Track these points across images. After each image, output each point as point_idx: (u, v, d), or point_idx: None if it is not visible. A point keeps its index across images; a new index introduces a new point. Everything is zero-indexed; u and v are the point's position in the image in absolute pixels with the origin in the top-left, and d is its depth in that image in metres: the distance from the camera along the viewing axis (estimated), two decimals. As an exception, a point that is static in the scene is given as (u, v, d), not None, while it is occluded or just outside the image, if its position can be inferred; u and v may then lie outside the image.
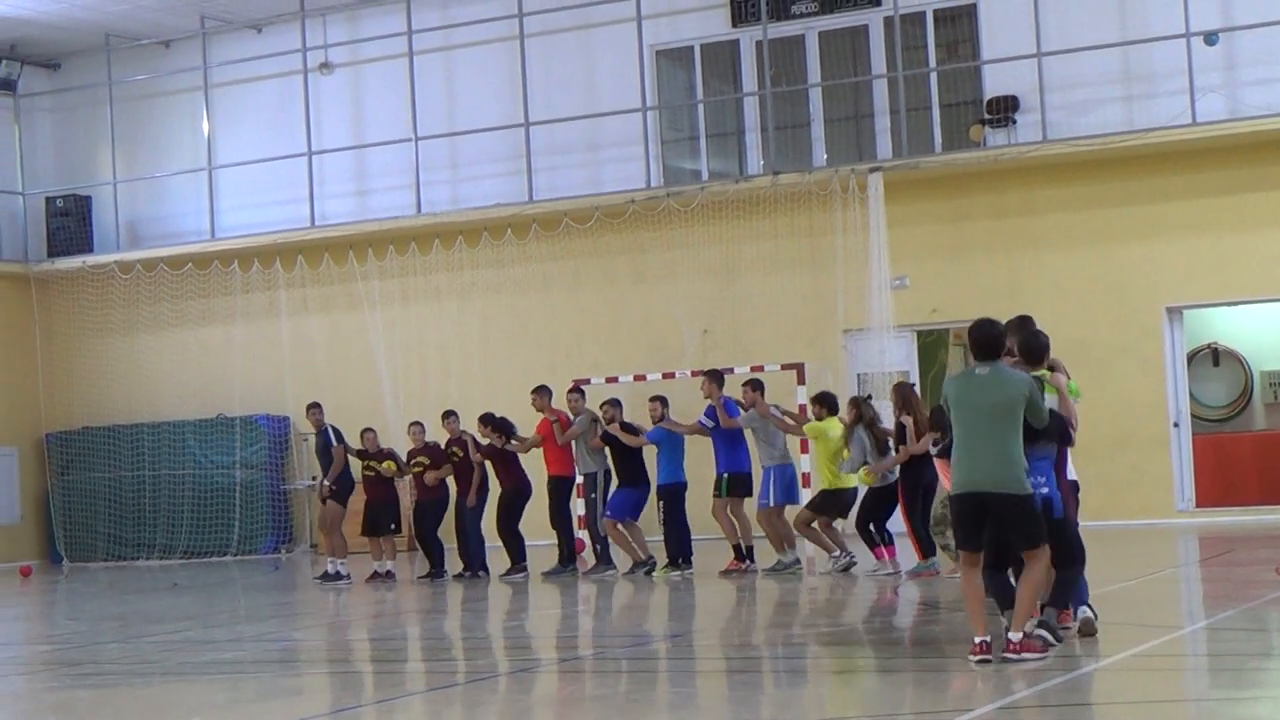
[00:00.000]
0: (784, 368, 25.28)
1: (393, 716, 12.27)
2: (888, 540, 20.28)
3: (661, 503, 21.84)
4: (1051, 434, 12.72)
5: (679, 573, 21.59)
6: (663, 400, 22.15)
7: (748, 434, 21.64)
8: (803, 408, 23.15)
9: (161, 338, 32.55)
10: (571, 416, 22.65)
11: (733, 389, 22.02)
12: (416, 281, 30.49)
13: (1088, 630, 13.20)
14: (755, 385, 21.58)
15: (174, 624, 19.45)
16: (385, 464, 23.64)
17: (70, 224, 33.23)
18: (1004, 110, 27.48)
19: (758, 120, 29.14)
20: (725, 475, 21.49)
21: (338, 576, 23.52)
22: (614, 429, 22.01)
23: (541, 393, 23.03)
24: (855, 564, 20.62)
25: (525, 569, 22.77)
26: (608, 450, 22.20)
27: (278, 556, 30.59)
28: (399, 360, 30.18)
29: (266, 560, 30.01)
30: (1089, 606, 13.33)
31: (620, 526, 21.96)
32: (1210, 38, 26.23)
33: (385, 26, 31.19)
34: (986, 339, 12.59)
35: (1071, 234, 27.12)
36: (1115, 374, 26.65)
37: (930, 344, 29.14)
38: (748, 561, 21.40)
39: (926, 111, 28.37)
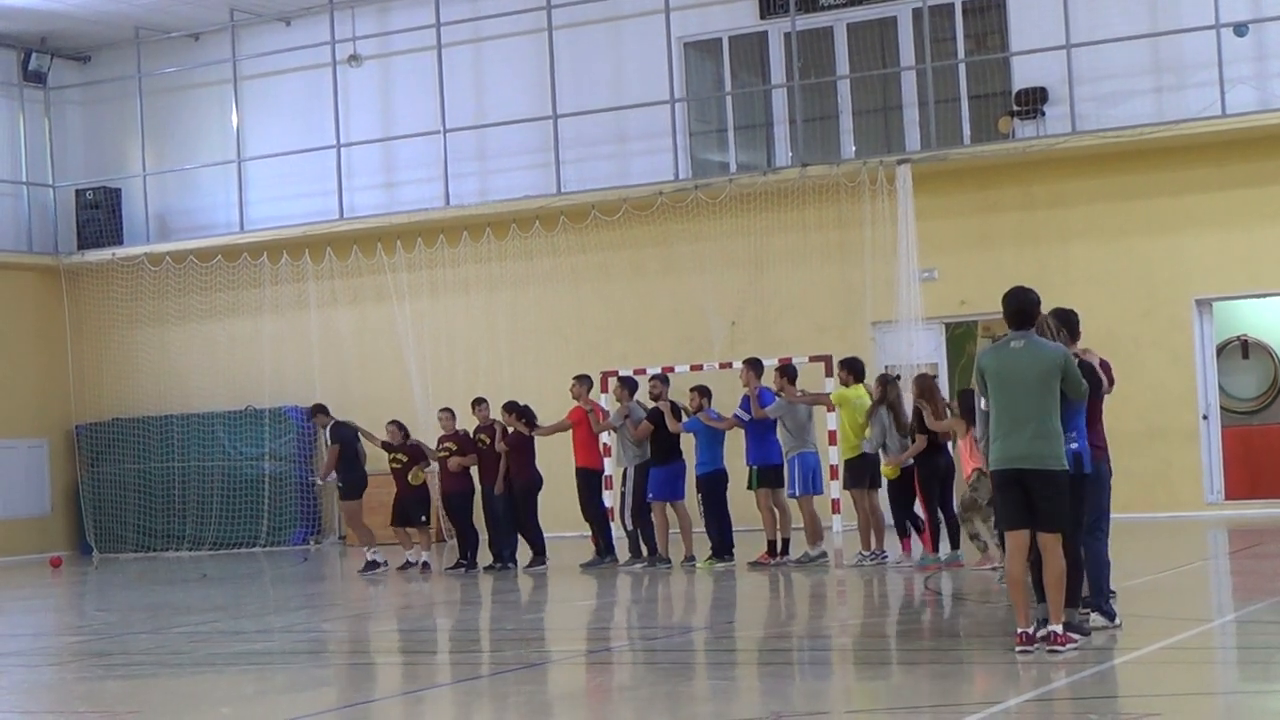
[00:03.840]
0: (812, 360, 25.22)
1: (420, 708, 12.29)
2: (920, 529, 20.27)
3: (701, 494, 21.78)
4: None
5: (722, 564, 21.54)
6: (703, 390, 21.95)
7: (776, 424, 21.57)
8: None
9: (191, 329, 32.63)
10: (605, 409, 22.63)
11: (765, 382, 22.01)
12: (445, 274, 30.52)
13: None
14: (784, 372, 21.47)
15: (203, 615, 19.50)
16: (412, 473, 23.56)
17: (100, 216, 33.34)
18: (1033, 102, 27.42)
19: (786, 112, 29.11)
20: (755, 467, 21.45)
21: (374, 565, 23.52)
22: (663, 405, 21.88)
23: (582, 381, 22.97)
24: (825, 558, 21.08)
25: (544, 561, 22.78)
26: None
27: (307, 548, 30.66)
28: (427, 352, 30.20)
29: (295, 552, 30.08)
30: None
31: (670, 508, 21.86)
32: (1240, 29, 26.15)
33: (414, 19, 31.21)
34: (1020, 306, 12.38)
35: (1100, 226, 27.06)
36: (1144, 366, 26.57)
37: (959, 336, 29.08)
38: (781, 555, 21.32)
39: (955, 103, 28.33)
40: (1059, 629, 12.16)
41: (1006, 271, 27.21)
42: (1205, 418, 26.83)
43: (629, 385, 22.78)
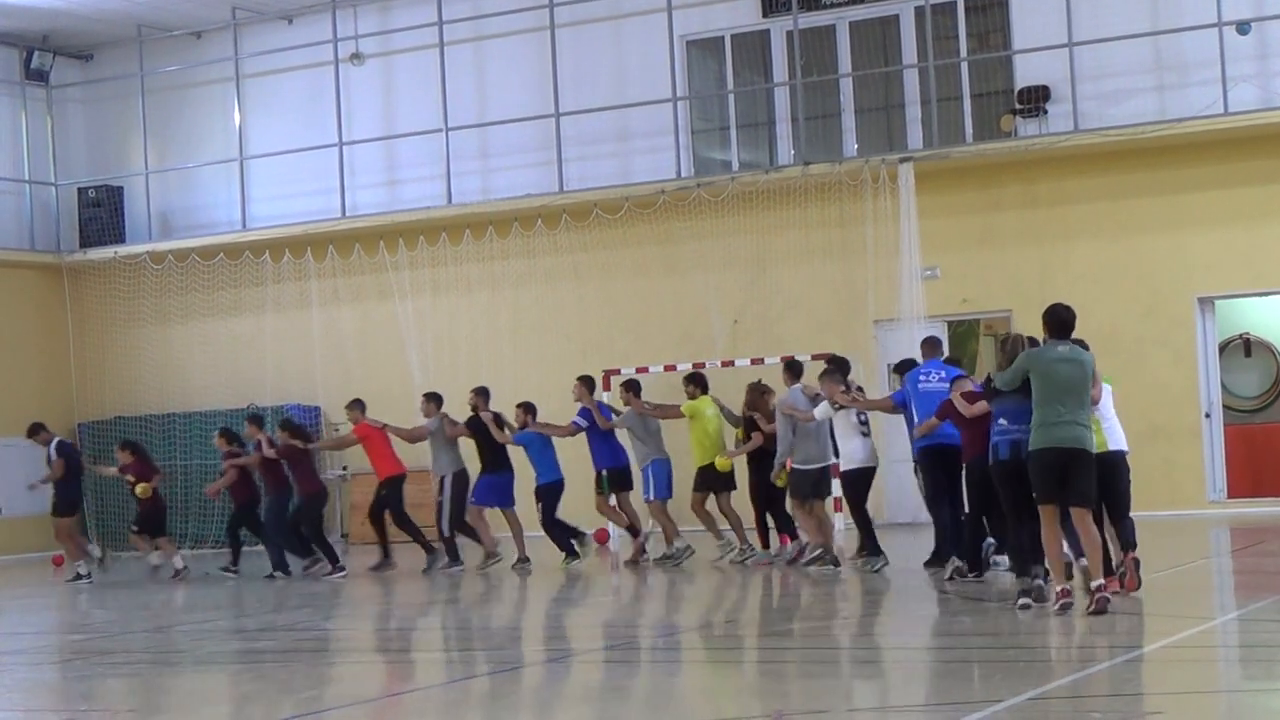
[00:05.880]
0: (814, 358, 25.20)
1: (425, 705, 12.29)
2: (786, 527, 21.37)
3: (541, 503, 22.46)
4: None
5: (577, 560, 22.39)
6: (528, 407, 22.83)
7: (626, 434, 22.44)
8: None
9: (193, 328, 32.64)
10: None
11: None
12: (447, 272, 30.52)
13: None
14: (629, 386, 22.55)
15: (205, 613, 19.51)
16: (140, 488, 24.83)
17: (102, 214, 33.34)
18: (1035, 100, 27.42)
19: (788, 110, 29.11)
20: (604, 471, 22.40)
21: (80, 577, 24.64)
22: (485, 417, 22.70)
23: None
24: (691, 553, 21.87)
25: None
26: (475, 441, 22.92)
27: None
28: (429, 350, 30.21)
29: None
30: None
31: (485, 514, 22.87)
32: (1242, 27, 26.14)
33: (416, 17, 31.20)
34: (1063, 319, 14.47)
35: (1103, 224, 27.06)
36: (1146, 364, 26.57)
37: (961, 334, 29.09)
38: (645, 546, 22.37)
39: (957, 101, 28.32)
40: (1098, 583, 14.21)
41: (1009, 270, 27.30)
42: (1208, 416, 26.82)
43: (436, 400, 23.62)
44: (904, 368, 19.91)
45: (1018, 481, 14.71)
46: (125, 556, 31.07)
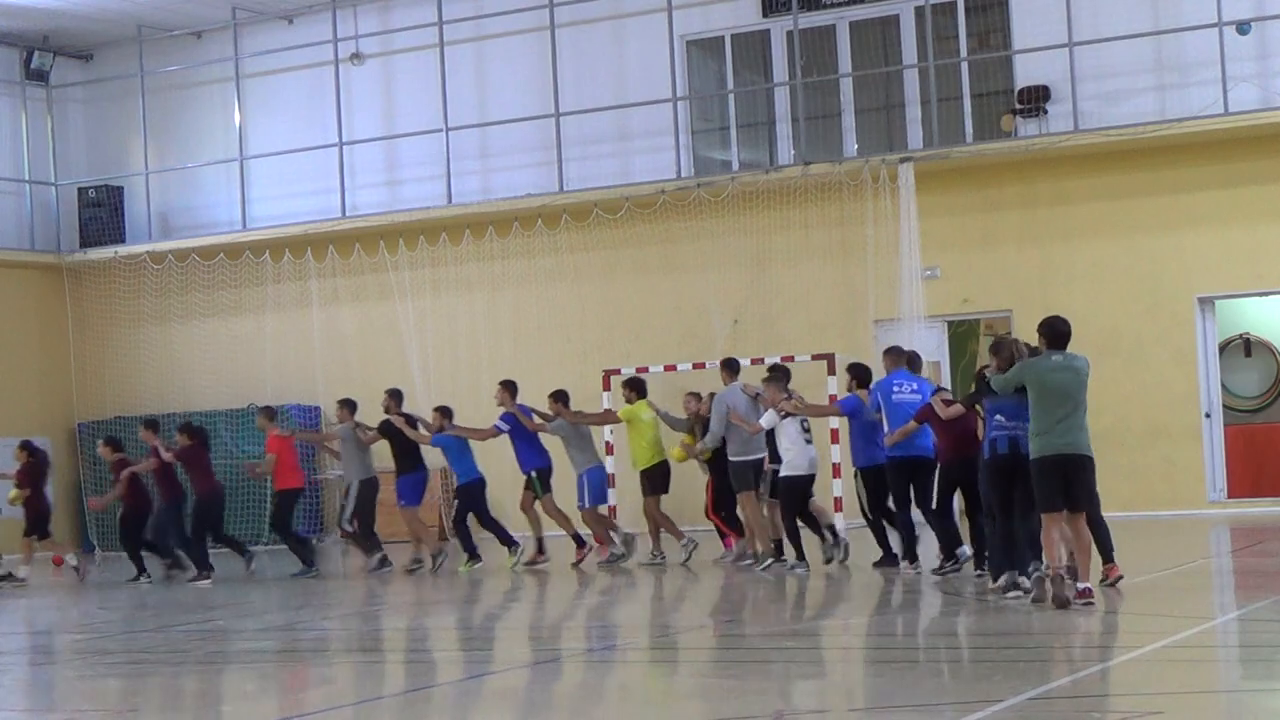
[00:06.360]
0: (814, 358, 25.24)
1: (426, 706, 12.28)
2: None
3: (459, 502, 22.95)
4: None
5: (521, 562, 22.71)
6: (445, 411, 23.20)
7: (559, 442, 22.69)
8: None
9: (193, 328, 32.65)
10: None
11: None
12: (447, 272, 30.54)
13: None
14: (557, 396, 22.75)
15: (205, 613, 19.50)
16: (11, 495, 25.05)
17: (102, 214, 33.35)
18: (1035, 100, 27.42)
19: (788, 110, 29.12)
20: (533, 473, 22.64)
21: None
22: (397, 420, 23.07)
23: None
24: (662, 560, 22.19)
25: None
26: (389, 443, 23.32)
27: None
28: (429, 351, 30.22)
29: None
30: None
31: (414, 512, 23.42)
32: (1243, 27, 26.15)
33: (416, 17, 31.21)
34: (1059, 332, 14.81)
35: (1103, 224, 27.06)
36: (1147, 364, 26.59)
37: (961, 334, 29.09)
38: (589, 546, 22.66)
39: (958, 101, 28.33)
40: (1090, 586, 14.74)
41: (1009, 270, 27.30)
42: (1208, 416, 26.83)
43: (349, 406, 23.99)
44: (856, 371, 20.14)
45: (1012, 476, 15.27)
46: (126, 557, 31.04)
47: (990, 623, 14.74)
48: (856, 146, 28.79)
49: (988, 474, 15.73)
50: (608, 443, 25.42)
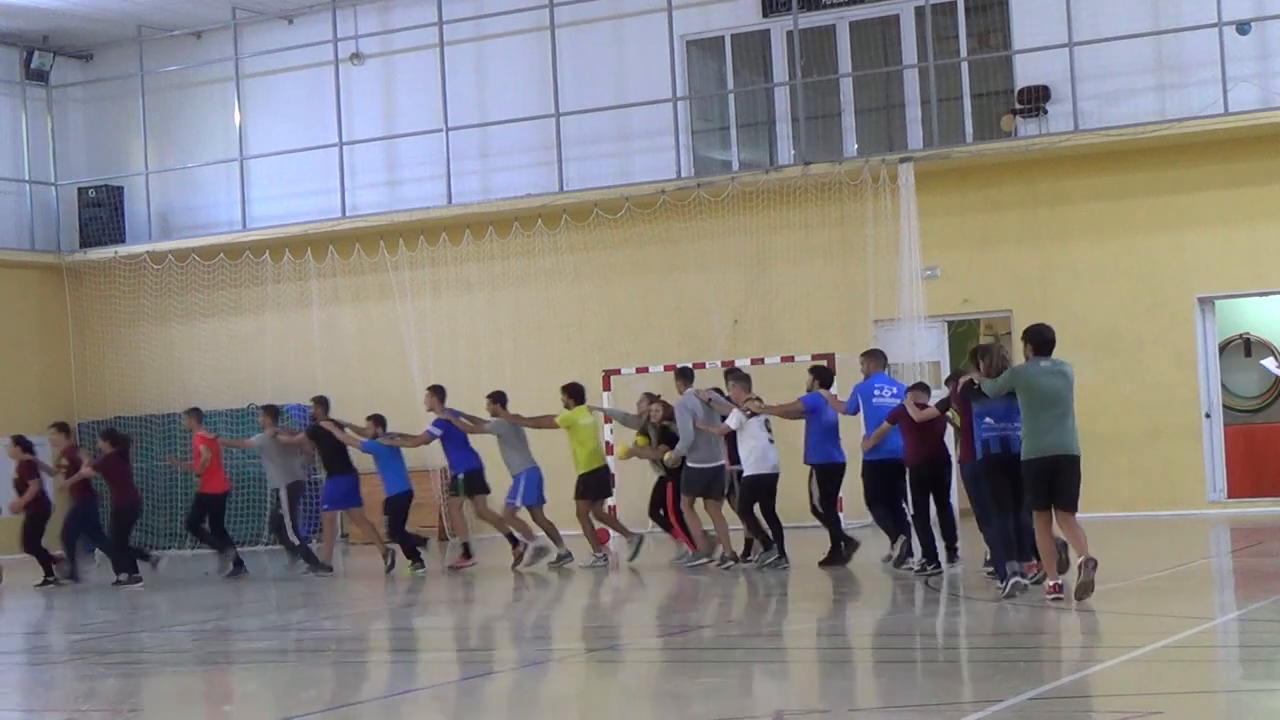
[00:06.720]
0: (814, 358, 25.24)
1: (426, 705, 12.29)
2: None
3: (389, 514, 23.09)
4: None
5: (423, 569, 22.83)
6: (378, 419, 23.37)
7: (496, 440, 22.78)
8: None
9: (193, 328, 32.65)
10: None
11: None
12: (447, 272, 30.54)
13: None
14: (495, 398, 22.94)
15: (205, 613, 19.50)
16: None
17: (102, 214, 33.36)
18: (1035, 100, 27.43)
19: (788, 110, 29.12)
20: (461, 475, 22.79)
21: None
22: (328, 425, 23.31)
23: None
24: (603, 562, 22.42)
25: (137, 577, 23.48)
26: (317, 449, 23.78)
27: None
28: (430, 350, 30.21)
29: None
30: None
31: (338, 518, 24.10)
32: (1243, 27, 26.15)
33: (416, 17, 31.21)
34: (1045, 339, 15.40)
35: (1103, 224, 27.06)
36: (1147, 364, 26.60)
37: (961, 334, 29.08)
38: (523, 544, 22.61)
39: (958, 101, 28.33)
40: (1061, 582, 15.31)
41: (1009, 269, 27.31)
42: (1208, 416, 26.83)
43: (272, 413, 24.47)
44: (819, 372, 20.47)
45: (1005, 474, 15.72)
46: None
47: (990, 623, 14.74)
48: (856, 146, 28.80)
49: (984, 474, 16.01)
50: (606, 441, 25.43)
